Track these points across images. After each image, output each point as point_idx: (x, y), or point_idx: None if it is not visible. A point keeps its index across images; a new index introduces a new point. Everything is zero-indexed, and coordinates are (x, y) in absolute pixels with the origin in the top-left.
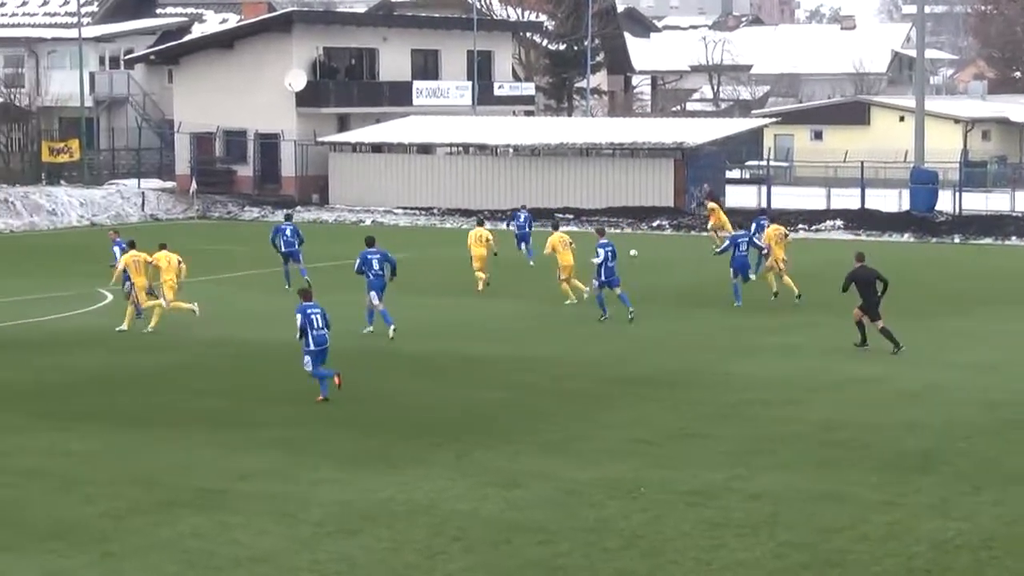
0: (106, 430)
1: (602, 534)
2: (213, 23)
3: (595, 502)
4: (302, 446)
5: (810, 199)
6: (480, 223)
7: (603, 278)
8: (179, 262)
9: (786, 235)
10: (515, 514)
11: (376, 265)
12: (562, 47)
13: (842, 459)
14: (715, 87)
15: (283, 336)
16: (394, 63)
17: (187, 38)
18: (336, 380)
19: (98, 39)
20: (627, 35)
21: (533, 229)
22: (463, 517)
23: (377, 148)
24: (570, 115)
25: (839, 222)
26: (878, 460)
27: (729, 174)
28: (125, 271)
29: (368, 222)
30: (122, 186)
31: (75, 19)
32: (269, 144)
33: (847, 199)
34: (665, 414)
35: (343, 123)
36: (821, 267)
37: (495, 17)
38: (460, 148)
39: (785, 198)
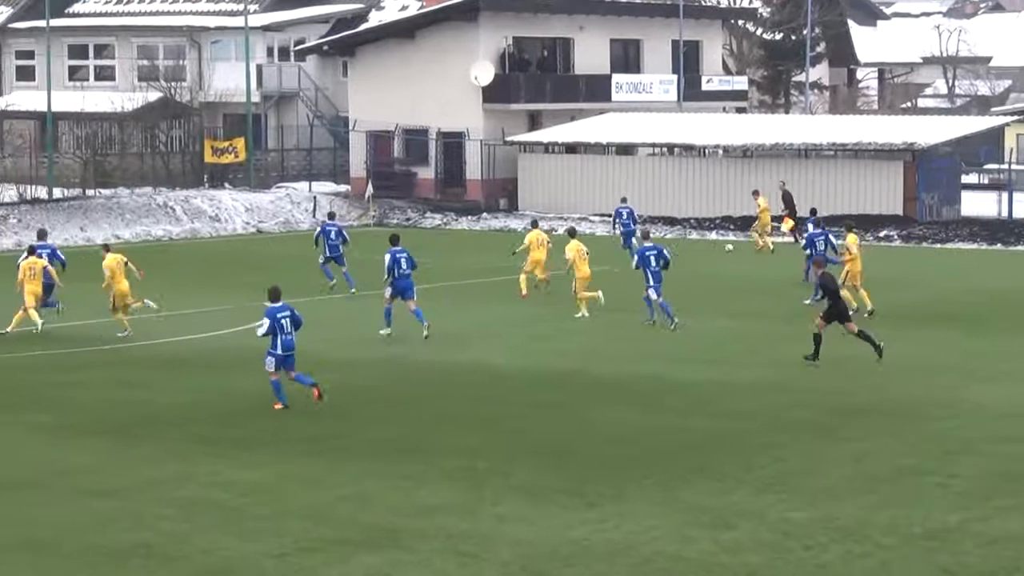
0: (271, 459)
1: None
2: (392, 10)
3: (814, 545)
4: (486, 478)
5: None
6: (535, 224)
7: (651, 283)
8: (126, 263)
9: (859, 245)
10: (725, 557)
11: (404, 265)
12: (779, 36)
13: None
14: (950, 81)
15: (467, 356)
16: (591, 54)
17: (363, 27)
18: (315, 392)
19: (266, 28)
20: (851, 23)
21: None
22: (667, 559)
23: (571, 148)
24: (787, 112)
25: None
26: None
27: (965, 178)
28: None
29: (560, 231)
30: (292, 190)
31: (241, 6)
32: (452, 144)
33: None
34: (893, 448)
35: (534, 121)
36: None
37: (704, 3)
38: (664, 149)
39: None
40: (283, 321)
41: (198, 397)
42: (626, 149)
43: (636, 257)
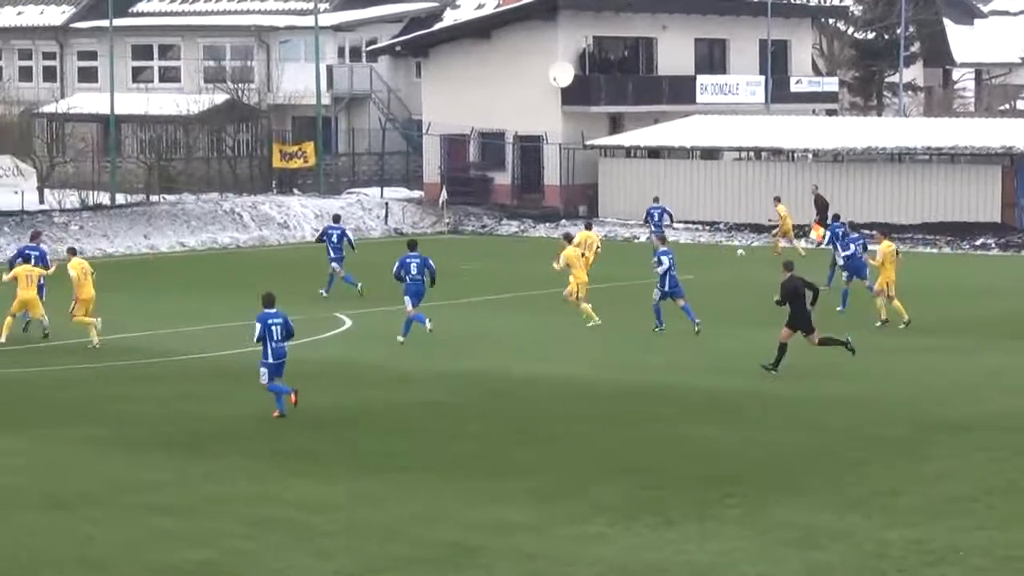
0: (343, 476)
1: None
2: (467, 9)
3: (906, 567)
4: (563, 496)
5: None
6: (588, 227)
7: (666, 288)
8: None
9: (897, 253)
10: None
11: (414, 270)
12: (871, 35)
13: None
14: None
15: (544, 369)
16: (675, 55)
17: (438, 26)
18: (292, 398)
19: (337, 28)
20: (947, 21)
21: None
22: None
23: (654, 153)
24: (879, 115)
25: None
26: None
27: None
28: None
29: (643, 238)
30: (363, 196)
31: (311, 5)
32: (530, 148)
33: None
34: (990, 465)
35: (615, 124)
36: None
37: (792, 1)
38: (751, 153)
39: None
40: (273, 328)
41: (267, 411)
42: (711, 153)
43: (662, 261)
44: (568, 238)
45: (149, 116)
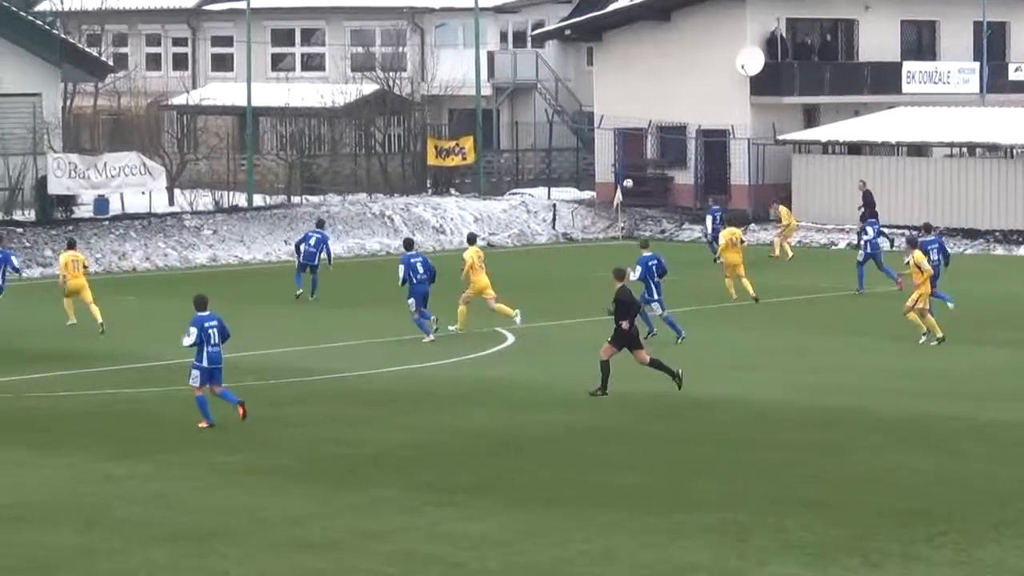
0: (500, 508)
1: None
2: None
3: None
4: (749, 534)
5: None
6: (730, 221)
7: (646, 296)
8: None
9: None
10: None
11: (420, 269)
12: None
13: None
14: None
15: (724, 391)
16: (878, 38)
17: (612, 7)
18: (240, 411)
19: (499, 9)
20: None
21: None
22: None
23: (855, 148)
24: None
25: None
26: None
27: None
28: None
29: (842, 245)
30: (527, 197)
31: None
32: (715, 143)
33: None
34: None
35: (810, 116)
36: None
37: None
38: (963, 149)
39: None
40: (210, 331)
41: (423, 437)
42: (919, 149)
43: (639, 268)
44: (471, 239)
45: (290, 108)
